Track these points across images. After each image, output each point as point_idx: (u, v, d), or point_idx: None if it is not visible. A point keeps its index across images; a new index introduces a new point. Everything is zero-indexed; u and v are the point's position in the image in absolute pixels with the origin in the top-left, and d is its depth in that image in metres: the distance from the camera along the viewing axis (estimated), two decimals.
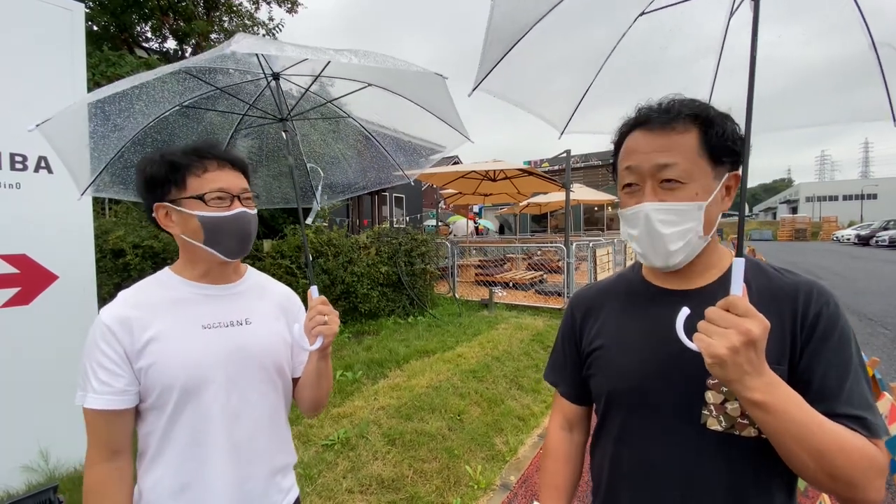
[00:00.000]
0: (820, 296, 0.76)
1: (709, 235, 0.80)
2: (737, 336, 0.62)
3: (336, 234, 6.37)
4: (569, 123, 1.41)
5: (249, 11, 10.51)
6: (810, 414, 0.65)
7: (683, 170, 0.77)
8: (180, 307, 1.00)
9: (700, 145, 0.78)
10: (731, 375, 0.64)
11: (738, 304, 0.65)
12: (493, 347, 5.14)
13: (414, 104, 1.74)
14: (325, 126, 2.00)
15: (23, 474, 2.55)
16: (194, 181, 0.99)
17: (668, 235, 0.78)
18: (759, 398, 0.64)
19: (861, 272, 13.57)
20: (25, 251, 2.54)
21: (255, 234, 1.07)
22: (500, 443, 3.23)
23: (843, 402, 0.70)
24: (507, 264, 11.14)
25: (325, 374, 1.13)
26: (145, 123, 1.56)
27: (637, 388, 0.84)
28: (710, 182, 0.78)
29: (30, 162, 2.56)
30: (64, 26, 2.72)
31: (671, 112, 0.79)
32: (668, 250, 0.79)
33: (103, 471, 0.93)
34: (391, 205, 18.04)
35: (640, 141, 0.81)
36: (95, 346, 0.93)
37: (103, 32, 8.64)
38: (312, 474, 2.69)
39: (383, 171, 2.03)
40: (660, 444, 0.82)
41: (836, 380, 0.71)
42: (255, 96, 1.75)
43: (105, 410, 0.92)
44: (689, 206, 0.77)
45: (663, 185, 0.78)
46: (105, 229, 4.88)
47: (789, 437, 0.65)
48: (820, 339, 0.73)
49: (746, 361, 0.63)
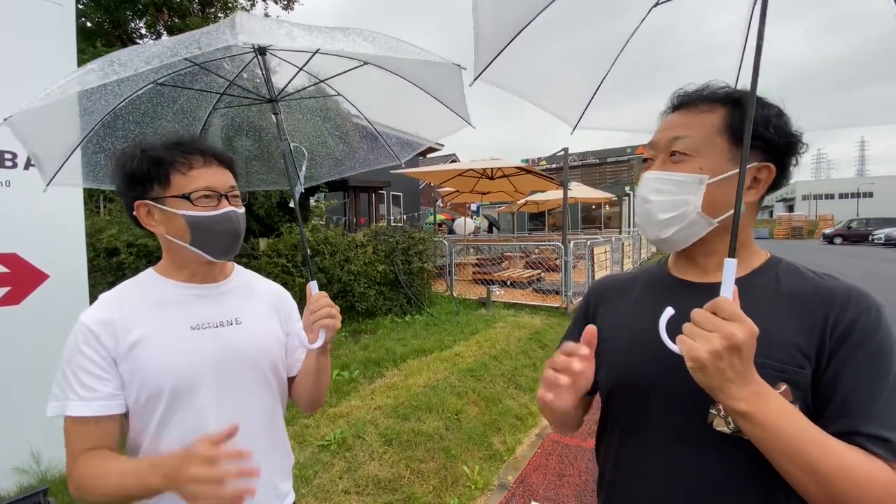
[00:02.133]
0: (860, 302, 0.70)
1: (716, 219, 0.76)
2: (720, 340, 0.59)
3: (333, 232, 6.34)
4: (581, 118, 1.35)
5: (245, 8, 10.44)
6: (807, 430, 0.61)
7: (692, 143, 0.76)
8: (166, 308, 0.97)
9: (723, 124, 0.76)
10: (713, 382, 0.61)
11: (724, 307, 0.62)
12: (491, 346, 5.12)
13: (413, 85, 1.66)
14: (312, 104, 1.92)
15: (14, 476, 2.52)
16: (179, 179, 0.94)
17: (658, 203, 0.78)
18: (743, 408, 0.61)
19: (858, 270, 13.62)
20: (15, 250, 2.50)
21: (244, 232, 1.04)
22: (498, 442, 3.21)
23: (868, 421, 0.63)
24: (505, 263, 11.13)
25: (324, 369, 1.11)
26: (115, 104, 1.45)
27: (644, 381, 0.81)
28: (725, 163, 0.76)
29: (19, 159, 2.52)
30: (54, 21, 2.67)
31: (701, 92, 0.79)
32: (657, 219, 0.79)
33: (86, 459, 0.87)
34: (388, 203, 18.00)
35: (668, 120, 0.83)
36: (77, 350, 0.89)
37: (97, 28, 8.57)
38: (308, 475, 2.66)
39: (373, 151, 1.97)
40: (663, 442, 0.79)
41: (865, 395, 0.65)
42: (237, 73, 1.64)
43: (92, 417, 0.87)
44: (687, 177, 0.76)
45: (671, 158, 0.78)
46: (99, 228, 4.83)
47: (779, 452, 0.61)
48: (852, 349, 0.67)
49: (729, 367, 0.60)
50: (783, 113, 0.76)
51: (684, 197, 0.76)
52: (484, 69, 1.20)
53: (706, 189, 0.75)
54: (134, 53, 1.11)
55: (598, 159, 32.87)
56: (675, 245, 0.81)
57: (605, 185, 24.59)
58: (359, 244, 6.47)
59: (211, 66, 1.59)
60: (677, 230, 0.78)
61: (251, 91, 1.65)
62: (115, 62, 1.09)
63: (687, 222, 0.77)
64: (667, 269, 0.90)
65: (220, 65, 1.62)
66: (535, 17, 1.14)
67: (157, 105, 1.60)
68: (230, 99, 1.73)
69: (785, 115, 0.76)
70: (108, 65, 1.09)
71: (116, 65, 1.07)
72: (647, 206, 0.80)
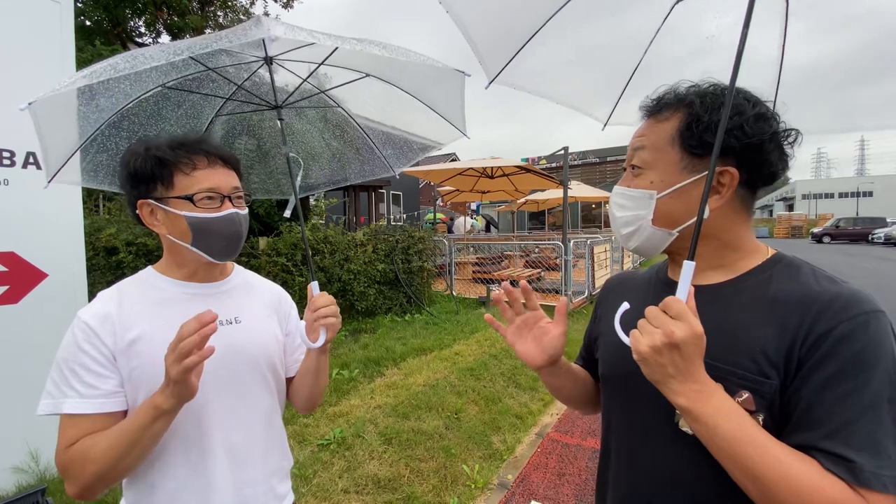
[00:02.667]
0: (845, 310, 0.63)
1: (675, 230, 0.76)
2: (660, 336, 0.61)
3: (332, 231, 6.33)
4: (612, 115, 1.33)
5: (244, 6, 10.42)
6: (749, 433, 0.59)
7: (646, 155, 0.77)
8: (166, 307, 0.96)
9: (674, 132, 0.74)
10: (655, 376, 0.64)
11: (672, 306, 0.63)
12: (491, 345, 5.11)
13: (412, 97, 1.69)
14: (312, 114, 1.94)
15: (13, 475, 2.52)
16: (182, 179, 0.93)
17: (620, 218, 0.81)
18: (682, 403, 0.63)
19: (858, 269, 13.63)
20: (13, 248, 2.49)
21: (246, 234, 1.03)
22: (498, 441, 3.21)
23: (828, 436, 0.59)
24: (505, 262, 11.12)
25: (323, 369, 1.10)
26: (124, 104, 1.47)
27: (625, 376, 0.82)
28: (676, 173, 0.74)
29: (17, 157, 2.51)
30: (52, 20, 2.66)
31: (659, 99, 0.79)
32: (619, 234, 0.83)
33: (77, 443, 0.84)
34: (388, 202, 18.00)
35: (637, 129, 0.83)
36: (76, 347, 0.88)
37: (96, 27, 8.55)
38: (308, 474, 2.66)
39: (368, 163, 1.99)
40: (642, 438, 0.80)
41: (829, 410, 0.60)
42: (242, 81, 1.68)
43: (91, 415, 0.85)
44: (638, 192, 0.78)
45: (632, 171, 0.80)
46: (98, 226, 4.82)
47: (718, 451, 0.62)
48: (821, 359, 0.62)
49: (670, 363, 0.62)
50: (747, 110, 0.70)
51: (637, 212, 0.78)
52: (500, 71, 1.18)
53: (656, 203, 0.76)
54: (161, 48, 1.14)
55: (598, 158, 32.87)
56: (647, 253, 0.85)
57: (605, 184, 24.62)
58: (358, 243, 6.47)
59: (220, 71, 1.62)
60: (640, 242, 0.80)
61: (256, 96, 1.67)
62: (140, 56, 1.10)
63: (645, 235, 0.79)
64: (665, 269, 0.91)
65: (228, 71, 1.65)
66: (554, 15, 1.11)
67: (163, 108, 1.63)
68: (234, 106, 1.75)
69: (748, 114, 0.69)
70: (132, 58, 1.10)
71: (141, 58, 1.09)
72: (613, 221, 0.85)
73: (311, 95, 1.76)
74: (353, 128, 1.92)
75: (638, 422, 0.81)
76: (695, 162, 0.73)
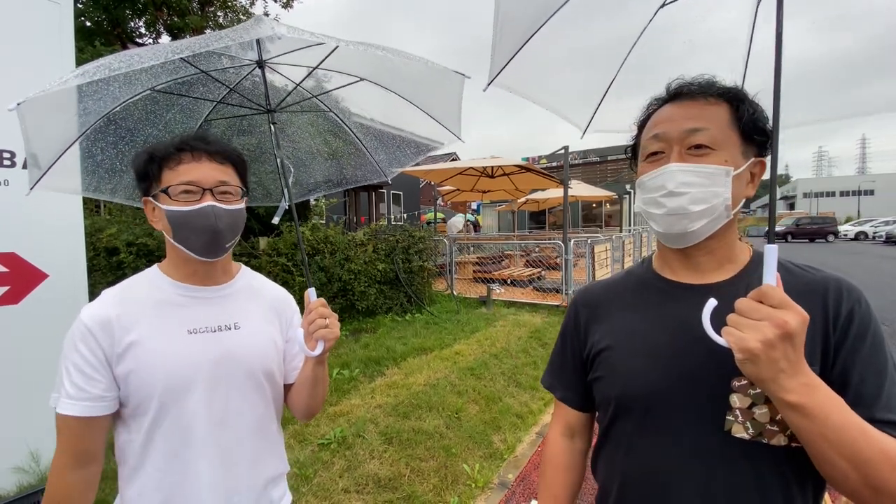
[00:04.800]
0: (850, 293, 0.70)
1: (732, 212, 0.76)
2: (771, 329, 0.57)
3: (333, 231, 6.33)
4: (591, 122, 1.34)
5: (244, 6, 10.43)
6: (852, 419, 0.60)
7: (714, 136, 0.75)
8: (165, 309, 0.96)
9: (731, 118, 0.76)
10: (765, 374, 0.59)
11: (773, 295, 0.59)
12: (492, 345, 5.11)
13: (406, 101, 1.68)
14: (306, 118, 1.92)
15: (14, 475, 2.52)
16: (167, 174, 0.94)
17: (689, 195, 0.74)
18: (795, 400, 0.58)
19: (859, 268, 13.61)
20: (14, 249, 2.49)
21: (234, 231, 1.00)
22: (498, 441, 3.21)
23: (882, 408, 0.64)
24: (506, 261, 11.12)
25: (321, 379, 1.08)
26: (110, 108, 1.42)
27: (650, 392, 0.77)
28: (739, 156, 0.76)
29: (18, 158, 2.51)
30: (52, 21, 2.66)
31: (704, 85, 0.79)
32: (690, 210, 0.74)
33: (70, 479, 0.88)
34: (388, 202, 17.99)
35: (671, 111, 0.80)
36: (74, 347, 0.89)
37: (96, 28, 8.56)
38: (308, 474, 2.66)
39: (360, 168, 1.97)
40: (676, 455, 0.75)
41: (873, 384, 0.65)
42: (234, 84, 1.65)
43: (78, 417, 0.87)
44: (718, 168, 0.74)
45: (691, 151, 0.76)
46: (98, 227, 4.83)
47: (828, 443, 0.59)
48: (855, 340, 0.67)
49: (783, 357, 0.57)
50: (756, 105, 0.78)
51: (714, 189, 0.74)
52: (497, 74, 1.19)
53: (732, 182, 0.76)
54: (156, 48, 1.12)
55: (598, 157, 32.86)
56: (697, 237, 0.77)
57: (606, 183, 24.56)
58: (359, 243, 6.47)
59: (212, 74, 1.59)
60: (706, 223, 0.75)
61: (248, 100, 1.65)
62: (135, 56, 1.08)
63: (716, 215, 0.75)
64: (653, 270, 0.87)
65: (220, 74, 1.62)
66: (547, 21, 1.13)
67: (151, 113, 1.58)
68: (225, 110, 1.72)
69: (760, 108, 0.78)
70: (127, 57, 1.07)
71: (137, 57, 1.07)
72: (676, 199, 0.75)
73: (303, 100, 1.74)
74: (345, 133, 1.90)
75: (681, 441, 0.74)
76: (746, 149, 0.77)
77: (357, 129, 1.88)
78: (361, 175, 1.98)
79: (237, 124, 1.86)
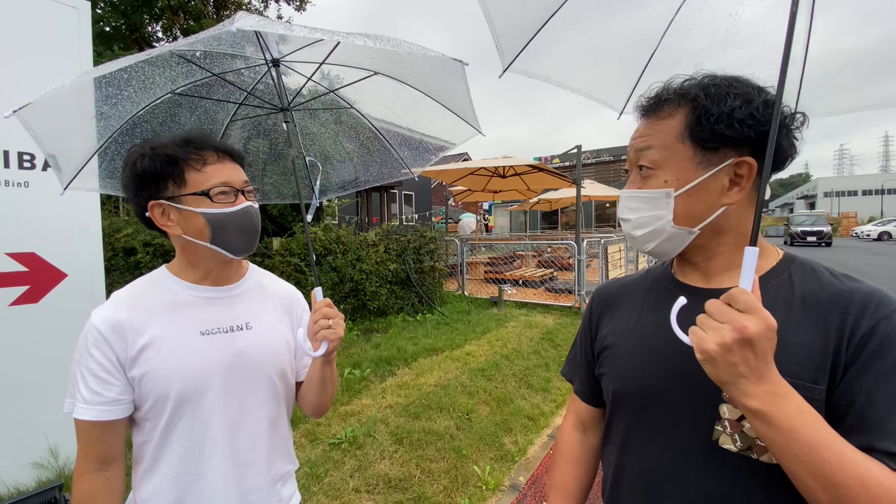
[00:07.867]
0: (879, 307, 0.63)
1: (696, 227, 0.73)
2: (730, 332, 0.56)
3: (345, 231, 6.38)
4: (627, 104, 1.28)
5: (259, 9, 10.56)
6: (826, 437, 0.55)
7: (655, 154, 0.74)
8: (178, 311, 0.95)
9: (683, 128, 0.72)
10: (724, 377, 0.58)
11: (739, 298, 0.57)
12: (503, 346, 5.08)
13: (423, 94, 1.66)
14: (326, 117, 1.93)
15: (33, 471, 2.58)
16: (195, 176, 0.92)
17: (632, 221, 0.78)
18: (756, 406, 0.56)
19: (883, 269, 13.21)
20: (34, 249, 2.55)
21: (261, 228, 1.02)
22: (510, 443, 3.18)
23: (884, 436, 0.57)
24: (517, 262, 11.06)
25: (329, 379, 1.07)
26: (134, 112, 1.48)
27: (643, 390, 0.77)
28: (692, 169, 0.71)
29: (37, 161, 2.57)
30: (70, 25, 2.72)
31: (657, 97, 0.76)
32: (633, 236, 0.80)
33: (92, 481, 0.89)
34: (400, 202, 18.05)
35: (635, 130, 0.80)
36: (86, 352, 0.89)
37: (114, 33, 8.75)
38: (319, 473, 2.67)
39: (386, 165, 1.96)
40: (665, 457, 0.74)
41: (884, 408, 0.59)
42: (253, 84, 1.68)
43: (94, 421, 0.87)
44: (653, 193, 0.74)
45: (641, 173, 0.77)
46: (116, 227, 4.92)
47: (793, 458, 0.56)
48: (869, 359, 0.61)
49: (742, 362, 0.56)
50: (755, 98, 0.68)
51: (654, 213, 0.75)
52: (514, 59, 1.16)
53: (675, 202, 0.73)
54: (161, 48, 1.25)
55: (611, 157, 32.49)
56: (666, 255, 0.79)
57: (620, 182, 24.29)
58: (370, 243, 6.50)
59: (228, 76, 1.62)
60: (659, 243, 0.77)
61: (266, 102, 1.67)
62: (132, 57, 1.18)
63: (665, 235, 0.75)
64: (671, 271, 0.86)
65: (237, 76, 1.66)
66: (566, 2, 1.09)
67: (175, 115, 1.64)
68: (247, 111, 1.76)
69: (757, 102, 0.68)
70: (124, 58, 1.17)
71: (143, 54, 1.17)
72: (625, 224, 0.81)
73: (320, 95, 1.75)
74: (367, 129, 1.90)
75: (669, 442, 0.74)
76: (709, 156, 0.71)
77: (379, 126, 1.89)
78: (388, 172, 1.98)
79: (261, 122, 1.88)
